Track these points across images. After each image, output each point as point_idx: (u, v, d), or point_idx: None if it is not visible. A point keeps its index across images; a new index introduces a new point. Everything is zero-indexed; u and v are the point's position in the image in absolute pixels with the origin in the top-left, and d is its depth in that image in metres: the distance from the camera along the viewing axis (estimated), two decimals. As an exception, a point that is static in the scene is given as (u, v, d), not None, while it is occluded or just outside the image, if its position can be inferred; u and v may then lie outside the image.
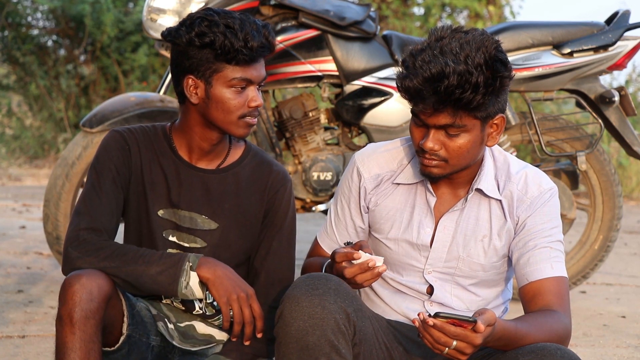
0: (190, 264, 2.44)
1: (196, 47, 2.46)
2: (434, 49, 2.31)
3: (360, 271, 2.34)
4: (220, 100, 2.49)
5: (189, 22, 2.48)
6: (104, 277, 2.38)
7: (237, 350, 2.53)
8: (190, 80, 2.50)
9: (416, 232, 2.50)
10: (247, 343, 2.49)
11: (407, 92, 2.34)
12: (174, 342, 2.59)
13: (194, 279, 2.44)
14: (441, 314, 2.12)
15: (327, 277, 2.32)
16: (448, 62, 2.27)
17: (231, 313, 2.47)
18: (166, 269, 2.43)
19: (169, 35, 2.51)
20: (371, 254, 2.36)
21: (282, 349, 2.28)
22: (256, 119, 2.54)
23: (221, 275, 2.46)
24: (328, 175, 4.43)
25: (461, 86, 2.26)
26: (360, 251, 2.35)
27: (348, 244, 2.45)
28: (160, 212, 2.57)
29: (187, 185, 2.58)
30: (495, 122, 2.39)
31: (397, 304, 2.54)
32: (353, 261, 2.34)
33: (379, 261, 2.34)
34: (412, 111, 2.38)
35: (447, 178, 2.47)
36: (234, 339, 2.52)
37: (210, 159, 2.60)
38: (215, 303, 2.60)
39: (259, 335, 2.49)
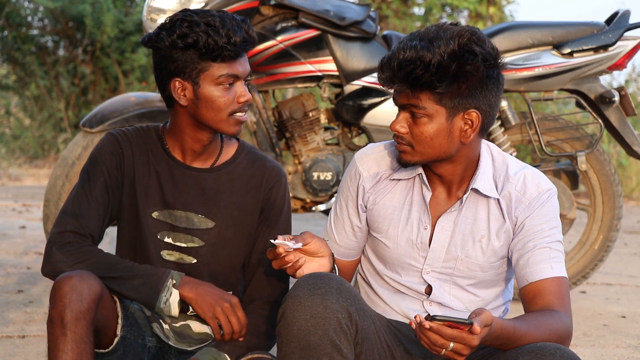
0: (174, 282, 2.47)
1: (180, 49, 2.47)
2: (413, 35, 2.38)
3: (273, 256, 2.40)
4: (209, 99, 2.50)
5: (169, 25, 2.48)
6: (95, 278, 2.39)
7: (231, 345, 2.54)
8: (177, 83, 2.50)
9: (415, 230, 2.51)
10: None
11: (377, 72, 2.42)
12: (170, 343, 2.59)
13: (174, 297, 2.48)
14: (437, 317, 2.13)
15: (330, 276, 2.33)
16: (416, 44, 2.34)
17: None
18: (149, 281, 2.47)
19: (150, 40, 2.51)
20: (289, 244, 2.39)
21: (284, 348, 2.28)
22: (246, 116, 2.55)
23: (203, 292, 2.49)
24: (328, 175, 4.43)
25: (412, 62, 2.32)
26: (278, 238, 2.39)
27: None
28: (155, 214, 2.58)
29: (182, 185, 2.59)
30: (469, 117, 2.39)
31: (396, 304, 2.54)
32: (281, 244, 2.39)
33: (290, 245, 2.39)
34: (392, 97, 2.44)
35: (438, 175, 2.48)
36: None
37: (204, 159, 2.61)
38: None
39: (241, 339, 2.52)
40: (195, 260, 2.57)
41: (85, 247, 2.47)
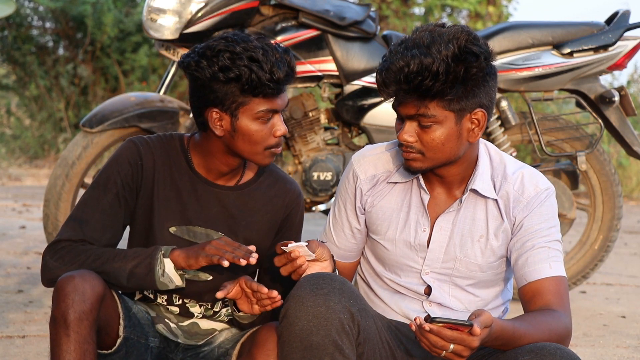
0: (163, 252, 2.43)
1: (221, 81, 2.42)
2: (407, 42, 2.34)
3: (285, 261, 2.39)
4: (246, 133, 2.47)
5: (210, 54, 2.42)
6: (97, 277, 2.38)
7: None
8: (214, 113, 2.46)
9: (413, 232, 2.50)
10: (253, 262, 2.39)
11: (377, 84, 2.38)
12: (179, 340, 2.60)
13: (169, 266, 2.43)
14: (437, 319, 2.13)
15: (332, 276, 2.32)
16: (415, 53, 2.30)
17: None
18: (141, 262, 2.43)
19: (189, 68, 2.45)
20: (307, 250, 2.38)
21: (286, 348, 2.28)
22: (280, 148, 2.51)
23: (190, 249, 2.43)
24: (328, 175, 4.43)
25: (420, 73, 2.29)
26: (291, 243, 2.38)
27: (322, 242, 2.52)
28: (172, 229, 2.56)
29: (204, 201, 2.56)
30: (475, 117, 2.39)
31: (396, 304, 2.54)
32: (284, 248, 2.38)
33: (308, 256, 2.39)
34: (392, 105, 2.41)
35: (439, 177, 2.48)
36: (243, 263, 2.38)
37: (227, 178, 2.59)
38: (216, 309, 2.61)
39: (252, 248, 2.42)
40: (210, 277, 2.55)
41: (76, 248, 2.45)
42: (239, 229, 2.58)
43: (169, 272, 2.44)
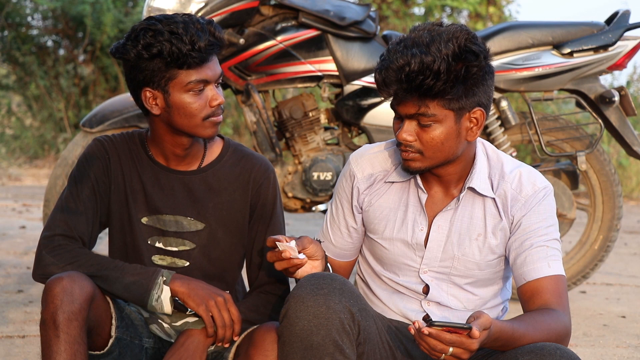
0: (164, 279, 2.47)
1: (145, 59, 2.47)
2: (406, 41, 2.34)
3: (276, 258, 2.39)
4: (181, 106, 2.50)
5: (134, 36, 2.48)
6: (86, 278, 2.40)
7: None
8: (147, 93, 2.51)
9: (410, 231, 2.50)
10: (226, 345, 2.51)
11: (377, 83, 2.38)
12: (173, 340, 2.60)
13: (165, 293, 2.47)
14: (436, 323, 2.13)
15: (332, 276, 2.33)
16: (415, 52, 2.30)
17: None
18: (140, 280, 2.46)
19: (117, 52, 2.51)
20: (297, 254, 2.40)
21: (287, 348, 2.29)
22: (221, 117, 2.54)
23: (195, 287, 2.48)
24: (328, 175, 4.43)
25: (422, 72, 2.29)
26: (283, 241, 2.38)
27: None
28: (144, 220, 2.59)
29: (168, 189, 2.59)
30: (474, 116, 2.39)
31: (394, 304, 2.54)
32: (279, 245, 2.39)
33: (299, 256, 2.40)
34: (390, 104, 2.41)
35: (437, 176, 2.48)
36: (219, 344, 2.52)
37: (188, 162, 2.61)
38: None
39: (236, 339, 2.50)
40: (187, 263, 2.58)
41: (75, 249, 2.47)
42: (207, 212, 2.60)
43: (164, 299, 2.47)
